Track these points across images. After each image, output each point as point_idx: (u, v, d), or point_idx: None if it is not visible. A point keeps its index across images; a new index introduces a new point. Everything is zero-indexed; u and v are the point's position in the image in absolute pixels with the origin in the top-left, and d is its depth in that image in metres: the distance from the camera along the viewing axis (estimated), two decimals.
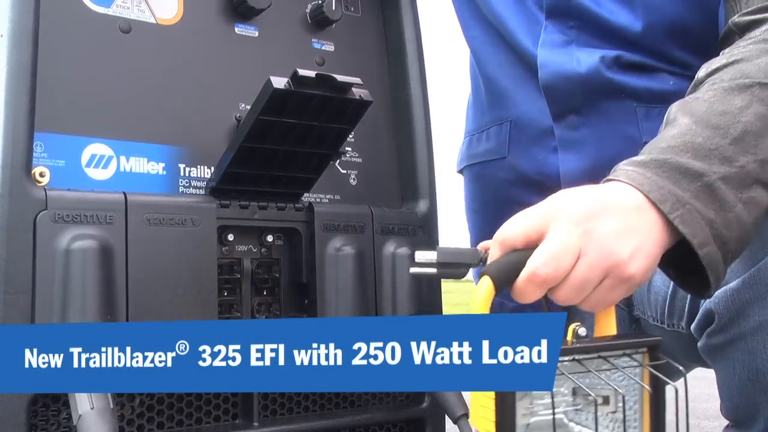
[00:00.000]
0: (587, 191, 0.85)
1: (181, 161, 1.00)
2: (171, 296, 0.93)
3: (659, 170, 0.85)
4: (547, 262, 0.79)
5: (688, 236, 0.82)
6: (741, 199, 0.85)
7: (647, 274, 0.82)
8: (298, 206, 1.05)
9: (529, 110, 1.28)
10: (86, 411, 0.80)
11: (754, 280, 0.94)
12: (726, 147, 0.86)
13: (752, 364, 0.97)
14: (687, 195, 0.83)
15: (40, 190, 0.88)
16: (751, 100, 0.89)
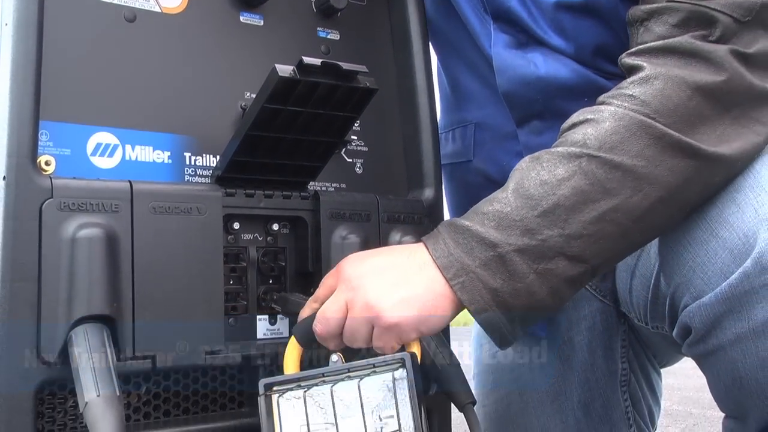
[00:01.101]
0: (381, 252, 0.98)
1: (186, 150, 1.00)
2: (177, 285, 0.93)
3: (459, 237, 0.92)
4: (320, 320, 0.93)
5: (465, 302, 0.90)
6: (536, 271, 0.90)
7: (421, 325, 0.91)
8: (303, 194, 1.05)
9: (492, 114, 1.27)
10: (92, 398, 0.80)
11: (726, 295, 0.93)
12: (531, 219, 0.91)
13: (735, 373, 0.96)
14: (474, 263, 0.90)
15: (46, 178, 0.88)
16: (574, 172, 0.91)
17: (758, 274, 0.90)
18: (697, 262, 0.96)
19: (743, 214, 0.93)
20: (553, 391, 1.32)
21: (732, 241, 0.93)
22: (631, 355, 1.31)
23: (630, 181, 0.91)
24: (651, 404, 1.42)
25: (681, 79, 0.93)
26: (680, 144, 0.91)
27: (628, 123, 0.92)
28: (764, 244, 0.90)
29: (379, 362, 0.89)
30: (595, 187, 0.91)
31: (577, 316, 1.29)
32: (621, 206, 0.91)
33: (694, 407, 2.73)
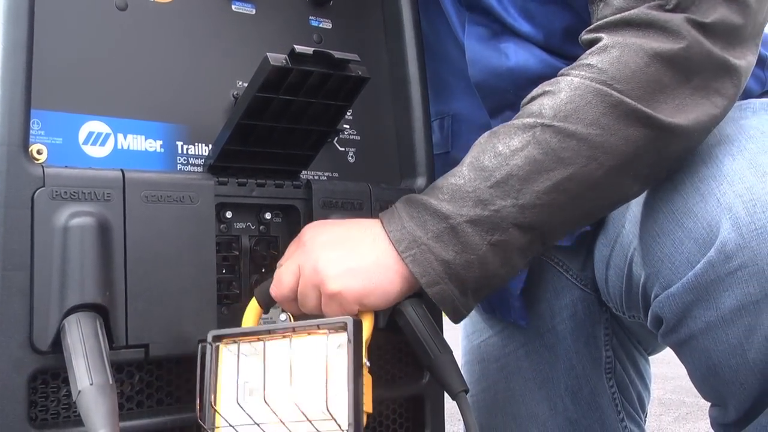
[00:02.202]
0: (340, 223, 0.99)
1: (178, 139, 1.00)
2: (169, 273, 0.93)
3: (413, 211, 0.93)
4: (275, 283, 0.96)
5: (417, 275, 0.91)
6: (489, 242, 0.91)
7: (364, 297, 0.92)
8: (296, 183, 1.05)
9: (467, 105, 1.28)
10: (85, 387, 0.80)
11: (693, 284, 0.93)
12: (484, 190, 0.91)
13: (709, 361, 0.97)
14: (426, 236, 0.91)
15: (38, 167, 0.87)
16: (528, 142, 0.91)
17: (722, 262, 0.91)
18: (665, 252, 0.97)
19: (706, 204, 0.94)
20: (540, 379, 1.33)
21: (696, 231, 0.94)
22: (616, 343, 1.32)
23: (584, 149, 0.90)
24: (640, 390, 1.43)
25: (638, 46, 0.92)
26: (636, 113, 0.91)
27: (583, 91, 0.92)
28: (726, 233, 0.91)
29: (322, 323, 0.90)
30: (548, 156, 0.90)
31: (559, 304, 1.30)
32: (575, 175, 0.91)
33: (687, 396, 2.74)
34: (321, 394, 0.86)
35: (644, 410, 1.50)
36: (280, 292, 0.96)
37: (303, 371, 0.88)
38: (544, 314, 1.31)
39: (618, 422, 1.33)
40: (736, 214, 0.91)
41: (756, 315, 0.91)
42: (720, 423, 1.07)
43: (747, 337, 0.93)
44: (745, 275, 0.90)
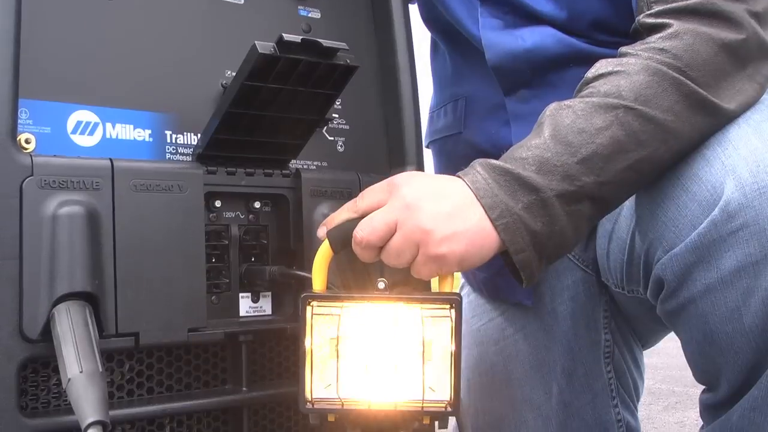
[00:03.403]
0: (432, 177, 0.98)
1: (167, 128, 1.00)
2: (159, 262, 0.93)
3: (501, 179, 0.93)
4: (363, 228, 0.92)
5: (507, 242, 0.92)
6: (567, 213, 0.94)
7: (463, 261, 0.92)
8: (285, 172, 1.05)
9: (482, 87, 1.31)
10: (75, 374, 0.80)
11: (695, 244, 0.96)
12: (571, 166, 0.94)
13: (706, 327, 0.99)
14: (518, 206, 0.92)
15: (26, 156, 0.87)
16: (612, 123, 0.95)
17: (725, 222, 0.93)
18: (669, 216, 0.99)
19: (711, 167, 0.97)
20: (536, 362, 1.34)
21: (701, 194, 0.96)
22: (614, 327, 1.33)
23: (659, 134, 0.95)
24: (635, 378, 1.44)
25: (708, 35, 0.98)
26: (705, 102, 0.96)
27: (661, 78, 0.96)
28: (730, 192, 0.93)
29: (428, 298, 0.92)
30: (630, 138, 0.94)
31: (560, 286, 1.31)
32: (648, 157, 0.96)
33: (677, 386, 2.76)
34: (419, 367, 0.90)
35: (638, 398, 1.51)
36: (368, 240, 0.92)
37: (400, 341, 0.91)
38: (544, 296, 1.32)
39: (611, 407, 1.34)
40: (740, 175, 0.93)
41: (755, 277, 0.93)
42: (710, 405, 1.08)
43: (745, 300, 0.94)
44: (747, 235, 0.92)
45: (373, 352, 0.91)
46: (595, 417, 1.34)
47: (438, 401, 0.91)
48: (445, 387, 0.91)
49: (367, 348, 0.91)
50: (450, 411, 0.91)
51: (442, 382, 0.91)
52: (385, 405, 0.91)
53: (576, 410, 1.33)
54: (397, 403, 0.91)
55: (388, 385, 0.91)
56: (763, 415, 1.00)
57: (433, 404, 0.91)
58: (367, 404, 0.91)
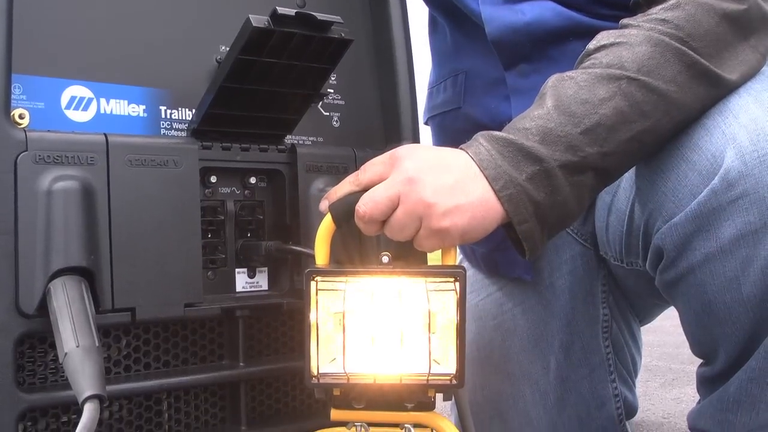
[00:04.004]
0: (435, 150, 0.96)
1: (162, 103, 1.00)
2: (155, 237, 0.93)
3: (504, 150, 0.93)
4: (366, 202, 0.91)
5: (510, 213, 0.92)
6: (570, 183, 0.93)
7: (466, 234, 0.92)
8: (280, 148, 1.05)
9: (481, 61, 1.30)
10: (72, 349, 0.80)
11: (695, 213, 0.96)
12: (575, 136, 0.93)
13: (704, 297, 0.99)
14: (522, 177, 0.92)
15: (20, 131, 0.87)
16: (615, 93, 0.95)
17: (725, 190, 0.94)
18: (669, 186, 0.99)
19: (712, 137, 0.97)
20: (534, 337, 1.34)
21: (701, 163, 0.96)
22: (612, 301, 1.33)
23: (662, 105, 0.95)
24: (633, 353, 1.45)
25: (710, 6, 0.97)
26: (707, 73, 0.96)
27: (663, 48, 0.96)
28: (730, 161, 0.93)
29: (431, 272, 0.92)
30: (633, 108, 0.94)
31: (558, 260, 1.31)
32: (651, 128, 0.95)
33: (674, 363, 2.77)
34: (424, 340, 0.90)
35: (636, 373, 1.52)
36: (371, 214, 0.91)
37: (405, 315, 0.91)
38: (543, 271, 1.32)
39: (609, 382, 1.35)
40: (740, 143, 0.93)
41: (754, 246, 0.93)
42: (707, 377, 1.08)
43: (743, 269, 0.94)
44: (746, 203, 0.92)
45: (378, 326, 0.91)
46: (592, 391, 1.34)
47: (443, 374, 0.91)
48: (449, 360, 0.91)
49: (372, 322, 0.91)
50: (455, 384, 0.91)
51: (446, 355, 0.91)
52: (390, 378, 0.91)
53: (573, 384, 1.33)
54: (402, 377, 0.91)
55: (393, 359, 0.91)
56: (760, 386, 1.00)
57: (438, 377, 0.91)
58: (372, 378, 0.91)
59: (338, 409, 0.95)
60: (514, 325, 1.36)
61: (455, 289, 0.90)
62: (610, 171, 0.97)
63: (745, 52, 0.99)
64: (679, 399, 2.20)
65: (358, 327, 0.91)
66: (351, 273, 0.91)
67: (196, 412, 1.00)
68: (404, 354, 0.91)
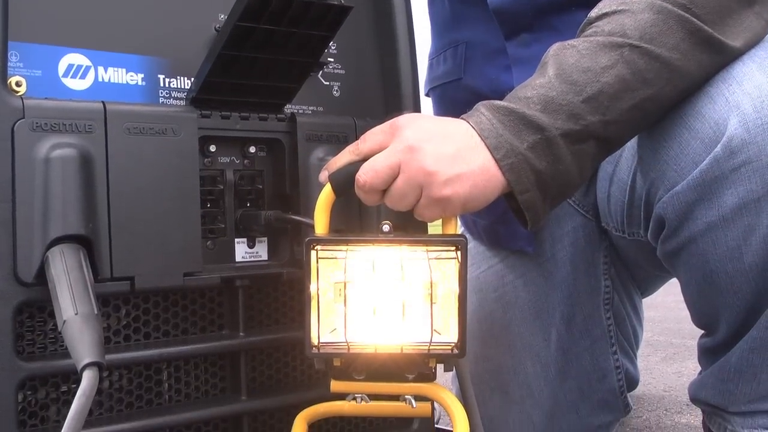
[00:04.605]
0: (435, 119, 0.95)
1: (160, 72, 0.99)
2: (153, 206, 0.92)
3: (505, 119, 0.92)
4: (366, 172, 0.90)
5: (512, 182, 0.91)
6: (572, 152, 0.93)
7: (467, 203, 0.91)
8: (280, 117, 1.04)
9: (482, 31, 1.30)
10: (70, 316, 0.80)
11: (697, 182, 0.95)
12: (577, 104, 0.92)
13: (706, 267, 0.99)
14: (523, 146, 0.91)
15: (17, 99, 0.86)
16: (617, 61, 0.93)
17: (727, 158, 0.93)
18: (671, 155, 0.98)
19: (715, 104, 0.96)
20: (535, 309, 1.34)
21: (703, 131, 0.96)
22: (614, 273, 1.33)
23: (665, 72, 0.94)
24: (635, 325, 1.45)
25: None
26: (711, 39, 0.95)
27: (666, 16, 0.95)
28: (733, 129, 0.93)
29: (432, 240, 0.91)
30: (635, 76, 0.93)
31: (560, 232, 1.30)
32: (654, 96, 0.94)
33: (675, 338, 2.77)
34: (425, 310, 0.90)
35: (638, 345, 1.52)
36: (371, 183, 0.91)
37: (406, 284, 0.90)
38: (544, 242, 1.32)
39: (610, 354, 1.34)
40: (743, 110, 0.93)
41: (756, 214, 0.92)
42: (708, 348, 1.08)
43: (746, 238, 0.94)
44: (749, 171, 0.92)
45: (379, 295, 0.91)
46: (593, 363, 1.34)
47: (445, 344, 0.91)
48: (450, 330, 0.90)
49: (373, 291, 0.91)
50: (456, 353, 0.91)
51: (447, 325, 0.91)
52: (391, 348, 0.91)
53: (575, 356, 1.33)
54: (403, 346, 0.90)
55: (394, 329, 0.91)
56: (761, 356, 1.00)
57: (439, 347, 0.91)
58: (373, 348, 0.90)
59: (338, 380, 0.95)
60: (515, 297, 1.36)
61: (457, 257, 0.89)
62: (612, 140, 0.96)
63: (750, 18, 0.98)
64: (680, 373, 2.21)
65: (358, 296, 0.91)
66: (352, 242, 0.91)
67: (196, 382, 1.00)
68: (405, 324, 0.90)
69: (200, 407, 0.98)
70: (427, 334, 0.90)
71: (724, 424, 1.08)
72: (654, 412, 1.78)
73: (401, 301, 0.91)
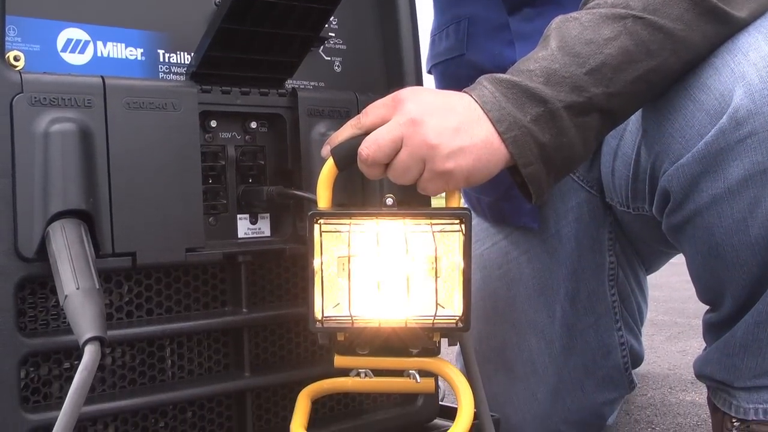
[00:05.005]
0: (438, 92, 0.95)
1: (160, 47, 0.98)
2: (154, 181, 0.91)
3: (508, 92, 0.92)
4: (369, 145, 0.90)
5: (515, 156, 0.91)
6: (575, 125, 0.92)
7: (470, 176, 0.91)
8: (281, 92, 1.03)
9: (484, 6, 1.30)
10: (72, 291, 0.80)
11: (702, 154, 0.95)
12: (580, 77, 0.92)
13: (711, 240, 0.98)
14: (526, 119, 0.91)
15: (15, 73, 0.86)
16: (620, 33, 0.93)
17: (733, 129, 0.92)
18: (676, 127, 0.98)
19: (720, 75, 0.95)
20: (539, 285, 1.34)
21: (709, 103, 0.95)
22: (618, 249, 1.32)
23: (669, 43, 0.93)
24: (639, 301, 1.44)
25: None
26: (716, 10, 0.94)
27: None
28: (739, 99, 0.92)
29: (437, 213, 0.90)
30: (639, 48, 0.93)
31: (564, 207, 1.30)
32: (658, 68, 0.94)
33: (679, 317, 2.77)
34: (430, 283, 0.89)
35: (642, 321, 1.51)
36: (374, 156, 0.90)
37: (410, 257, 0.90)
38: (549, 219, 1.32)
39: (614, 330, 1.34)
40: (749, 81, 0.92)
41: (762, 186, 0.92)
42: (714, 323, 1.07)
43: (751, 210, 0.93)
44: (755, 142, 0.91)
45: (382, 268, 0.90)
46: (598, 339, 1.34)
47: (449, 317, 0.90)
48: (455, 303, 0.90)
49: (376, 265, 0.90)
50: (461, 327, 0.90)
51: (451, 298, 0.90)
52: (395, 322, 0.90)
53: (579, 333, 1.33)
54: (407, 320, 0.90)
55: (398, 302, 0.90)
56: (767, 330, 1.00)
57: (444, 320, 0.90)
58: (377, 322, 0.90)
59: (342, 355, 0.95)
60: (520, 273, 1.36)
61: (461, 230, 0.89)
62: (616, 112, 0.95)
63: None
64: (684, 351, 2.21)
65: (362, 270, 0.90)
66: (355, 215, 0.90)
67: (200, 359, 0.99)
68: (409, 298, 0.90)
69: (203, 384, 0.97)
70: (431, 308, 0.90)
71: (729, 399, 1.08)
72: (659, 390, 1.78)
73: (405, 275, 0.90)
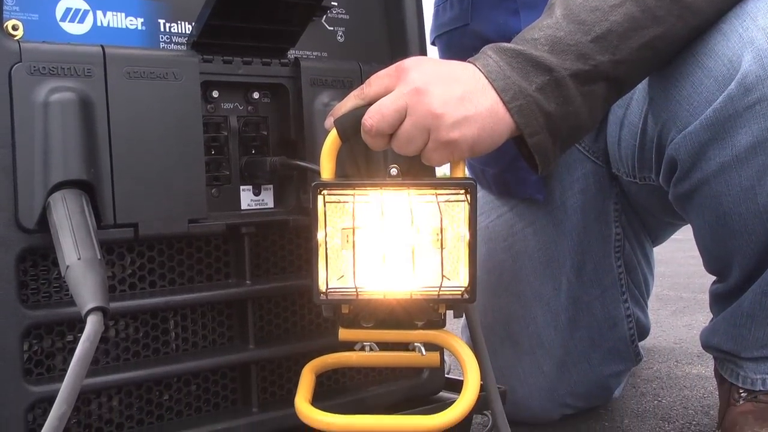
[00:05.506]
0: (442, 62, 0.93)
1: (160, 16, 0.97)
2: (156, 151, 0.90)
3: (513, 61, 0.90)
4: (372, 115, 0.89)
5: (521, 125, 0.89)
6: (582, 93, 0.91)
7: (475, 146, 0.89)
8: (283, 61, 1.02)
9: None
10: (73, 261, 0.79)
11: (710, 121, 0.93)
12: (585, 44, 0.90)
13: (719, 209, 0.97)
14: (531, 87, 0.89)
15: (14, 42, 0.84)
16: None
17: (741, 95, 0.91)
18: (683, 95, 0.96)
19: (728, 41, 0.94)
20: (545, 258, 1.33)
21: (717, 69, 0.93)
22: (624, 221, 1.31)
23: (675, 9, 0.92)
24: (646, 273, 1.43)
25: None
26: None
27: None
28: (748, 65, 0.90)
29: (442, 183, 0.89)
30: (645, 14, 0.91)
31: (570, 179, 1.29)
32: (665, 34, 0.93)
33: (685, 292, 2.76)
34: (435, 254, 0.88)
35: (648, 293, 1.50)
36: (378, 127, 0.89)
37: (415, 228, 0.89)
38: (554, 190, 1.30)
39: (621, 303, 1.33)
40: (758, 46, 0.91)
41: None
42: (721, 294, 1.06)
43: (760, 178, 0.92)
44: (764, 108, 0.90)
45: (387, 240, 0.89)
46: (604, 312, 1.33)
47: (455, 288, 0.89)
48: (460, 275, 0.89)
49: (381, 236, 0.89)
50: (467, 298, 0.89)
51: (456, 270, 0.89)
52: (400, 294, 0.89)
53: (585, 305, 1.32)
54: (412, 292, 0.89)
55: (403, 274, 0.89)
56: None
57: (449, 292, 0.89)
58: (382, 294, 0.89)
59: (346, 328, 0.94)
60: (525, 245, 1.35)
61: (466, 200, 0.88)
62: (623, 80, 0.94)
63: None
64: (690, 325, 2.20)
65: (366, 242, 0.89)
66: (359, 185, 0.89)
67: (204, 331, 0.99)
68: (414, 269, 0.89)
69: (208, 356, 0.97)
70: (436, 280, 0.89)
71: (736, 370, 1.07)
72: (665, 363, 1.78)
73: (410, 246, 0.89)
